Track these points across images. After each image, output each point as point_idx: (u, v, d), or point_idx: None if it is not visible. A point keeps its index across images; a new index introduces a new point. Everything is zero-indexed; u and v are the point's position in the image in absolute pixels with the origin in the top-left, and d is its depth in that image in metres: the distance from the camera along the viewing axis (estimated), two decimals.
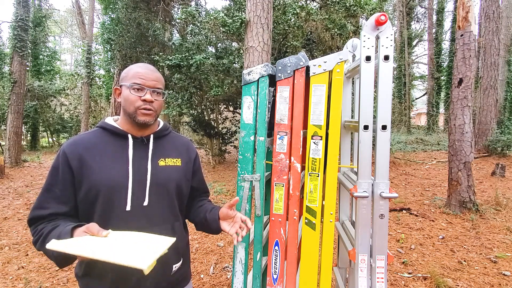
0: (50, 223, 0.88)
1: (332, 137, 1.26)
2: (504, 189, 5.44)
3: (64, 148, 0.93)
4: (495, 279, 2.54)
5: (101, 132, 0.99)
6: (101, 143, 0.96)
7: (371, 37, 1.18)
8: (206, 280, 2.63)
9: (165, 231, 0.98)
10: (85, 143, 0.94)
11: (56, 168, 0.91)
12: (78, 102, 16.82)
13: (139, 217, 0.93)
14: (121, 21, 8.40)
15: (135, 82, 0.95)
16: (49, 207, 0.89)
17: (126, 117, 0.99)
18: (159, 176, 0.98)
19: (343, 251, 1.82)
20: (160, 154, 1.02)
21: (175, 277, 1.04)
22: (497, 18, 8.71)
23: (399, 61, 16.93)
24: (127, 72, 0.97)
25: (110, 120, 1.01)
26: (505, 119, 10.01)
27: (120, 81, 0.99)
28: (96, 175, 0.90)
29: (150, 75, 0.97)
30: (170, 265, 1.01)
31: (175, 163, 1.05)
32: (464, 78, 4.22)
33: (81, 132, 1.16)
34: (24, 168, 8.58)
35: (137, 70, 0.97)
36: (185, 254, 1.10)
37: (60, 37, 30.03)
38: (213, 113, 9.39)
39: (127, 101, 0.95)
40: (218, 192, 5.37)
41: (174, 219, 1.03)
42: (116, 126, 0.99)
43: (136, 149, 0.97)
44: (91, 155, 0.92)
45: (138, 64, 1.00)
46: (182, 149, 1.11)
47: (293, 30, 7.12)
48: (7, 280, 2.65)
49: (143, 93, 0.95)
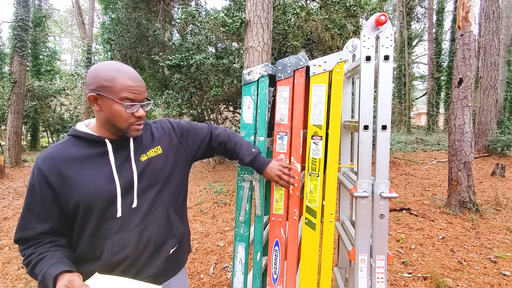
0: (37, 250, 0.86)
1: (332, 137, 1.26)
2: (504, 189, 5.43)
3: (39, 165, 0.86)
4: (495, 279, 2.54)
5: (74, 141, 0.91)
6: (78, 153, 0.89)
7: (371, 37, 1.18)
8: (206, 280, 2.62)
9: (161, 223, 0.99)
10: (61, 155, 0.88)
11: (33, 187, 0.86)
12: (78, 102, 16.82)
13: (131, 219, 0.93)
14: (121, 21, 8.40)
15: (127, 97, 0.87)
16: (32, 227, 0.87)
17: (108, 127, 0.91)
18: (144, 172, 0.96)
19: (343, 251, 1.82)
20: (141, 150, 0.98)
21: (172, 260, 1.05)
22: (497, 18, 8.71)
23: (399, 61, 16.92)
24: (112, 82, 0.85)
25: (82, 127, 0.94)
26: (505, 119, 10.00)
27: (99, 89, 0.86)
28: (81, 189, 0.86)
29: (141, 87, 0.90)
30: (168, 250, 1.02)
31: (156, 152, 1.01)
32: (464, 78, 4.22)
33: (53, 143, 1.08)
34: (24, 168, 8.57)
35: (126, 82, 0.87)
36: (183, 237, 1.10)
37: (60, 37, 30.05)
38: (213, 113, 9.38)
39: (117, 117, 0.88)
40: (218, 192, 5.36)
41: (169, 206, 1.02)
42: (90, 133, 0.91)
43: (116, 152, 0.93)
44: (71, 168, 0.87)
45: (122, 72, 0.88)
46: (158, 134, 1.06)
47: (293, 30, 7.12)
48: (7, 280, 2.65)
49: (135, 109, 0.90)
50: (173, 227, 1.03)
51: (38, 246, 0.87)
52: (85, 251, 0.92)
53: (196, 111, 8.85)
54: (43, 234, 0.88)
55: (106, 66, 0.88)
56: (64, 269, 0.80)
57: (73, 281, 0.77)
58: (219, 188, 5.57)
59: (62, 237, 0.92)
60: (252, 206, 1.32)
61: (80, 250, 0.92)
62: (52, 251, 0.86)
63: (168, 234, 1.02)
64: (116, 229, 0.90)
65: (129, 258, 0.92)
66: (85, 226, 0.90)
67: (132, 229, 0.92)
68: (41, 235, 0.88)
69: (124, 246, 0.91)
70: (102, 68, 0.87)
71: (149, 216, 0.96)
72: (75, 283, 0.76)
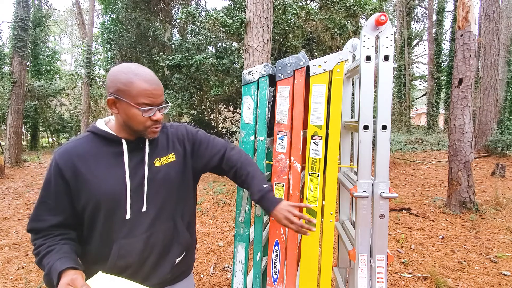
0: (47, 242, 0.88)
1: (332, 137, 1.26)
2: (504, 189, 5.43)
3: (56, 159, 0.89)
4: (495, 279, 2.54)
5: (92, 137, 0.93)
6: (94, 150, 0.91)
7: (371, 37, 1.18)
8: (206, 280, 2.62)
9: (168, 231, 1.00)
10: (78, 151, 0.90)
11: (49, 180, 0.89)
12: (78, 102, 16.81)
13: (139, 223, 0.94)
14: (121, 21, 8.41)
15: (144, 102, 0.87)
16: (44, 219, 0.89)
17: (126, 129, 0.93)
18: (156, 178, 0.96)
19: (343, 251, 1.82)
20: (155, 154, 0.98)
21: (178, 269, 1.05)
22: (497, 18, 8.71)
23: (399, 61, 16.92)
24: (128, 86, 0.86)
25: (102, 124, 0.95)
26: (505, 119, 10.00)
27: (117, 93, 0.87)
28: (93, 187, 0.88)
29: (158, 91, 0.90)
30: (174, 259, 1.02)
31: (170, 159, 1.01)
32: (464, 78, 4.22)
33: (73, 138, 1.10)
34: (24, 168, 8.57)
35: (143, 86, 0.86)
36: (189, 247, 1.09)
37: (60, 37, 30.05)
38: (213, 113, 9.40)
39: (134, 120, 0.89)
40: (218, 192, 5.37)
41: (176, 214, 1.03)
42: (108, 132, 0.93)
43: (131, 153, 0.94)
44: (86, 164, 0.89)
45: (140, 75, 0.87)
46: (173, 140, 1.05)
47: (293, 30, 7.12)
48: (7, 280, 2.65)
49: (152, 113, 0.90)
50: (180, 236, 1.03)
51: (48, 238, 0.89)
52: (95, 250, 0.93)
53: (196, 111, 8.86)
54: (54, 227, 0.90)
55: (124, 69, 0.88)
56: (69, 265, 0.81)
57: (75, 279, 0.78)
58: (219, 188, 5.57)
59: (73, 230, 0.94)
60: (252, 206, 1.32)
61: (90, 248, 0.94)
62: (61, 244, 0.88)
63: (174, 243, 1.02)
64: (124, 234, 0.91)
65: (134, 263, 0.92)
66: (94, 224, 0.92)
67: (139, 235, 0.93)
68: (52, 227, 0.90)
69: (130, 251, 0.92)
70: (120, 71, 0.88)
71: (156, 223, 0.96)
72: (77, 282, 0.77)
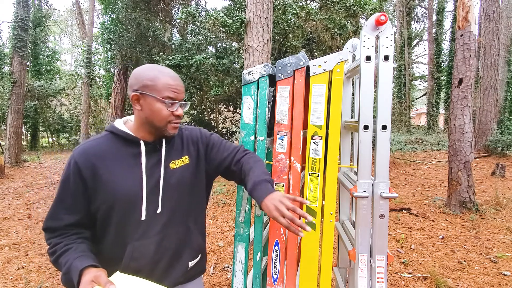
0: (64, 241, 0.88)
1: (332, 137, 1.26)
2: (504, 189, 5.43)
3: (75, 158, 0.90)
4: (495, 279, 2.54)
5: (110, 137, 0.95)
6: (113, 150, 0.93)
7: (371, 37, 1.18)
8: (206, 280, 2.62)
9: (181, 234, 1.00)
10: (96, 151, 0.91)
11: (67, 179, 0.89)
12: (78, 102, 16.80)
13: (154, 225, 0.94)
14: (121, 21, 8.40)
15: (169, 96, 0.90)
16: (62, 218, 0.89)
17: (146, 127, 0.94)
18: (171, 180, 0.97)
19: (343, 251, 1.82)
20: (171, 156, 1.00)
21: (191, 272, 1.06)
22: (497, 18, 8.71)
23: (399, 61, 16.92)
24: (154, 81, 0.89)
25: (120, 124, 0.97)
26: (505, 119, 9.99)
27: (142, 88, 0.90)
28: (110, 187, 0.89)
29: (181, 87, 0.94)
30: (187, 263, 1.02)
31: (184, 162, 1.02)
32: (464, 78, 4.22)
33: (92, 136, 1.10)
34: (24, 168, 8.57)
35: (167, 81, 0.90)
36: (202, 249, 1.10)
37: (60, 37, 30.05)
38: (213, 113, 9.39)
39: (157, 115, 0.91)
40: (218, 192, 5.36)
41: (189, 218, 1.03)
42: (127, 132, 0.94)
43: (149, 155, 0.95)
44: (103, 164, 0.90)
45: (164, 72, 0.92)
46: (188, 142, 1.07)
47: (293, 30, 7.12)
48: (7, 280, 2.65)
49: (175, 108, 0.92)
50: (192, 240, 1.03)
51: (64, 237, 0.89)
52: (107, 250, 0.93)
53: (196, 111, 8.86)
54: (70, 226, 0.90)
55: (148, 68, 0.93)
56: (90, 263, 0.81)
57: (99, 277, 0.78)
58: (219, 188, 5.57)
59: (88, 229, 0.94)
60: (252, 206, 1.32)
61: (103, 248, 0.94)
62: (78, 243, 0.88)
63: (186, 247, 1.02)
64: (138, 235, 0.91)
65: (146, 265, 0.93)
66: (108, 224, 0.92)
67: (152, 237, 0.93)
68: (68, 226, 0.90)
69: (144, 253, 0.92)
70: (146, 69, 0.92)
71: (170, 225, 0.97)
72: (101, 279, 0.77)
